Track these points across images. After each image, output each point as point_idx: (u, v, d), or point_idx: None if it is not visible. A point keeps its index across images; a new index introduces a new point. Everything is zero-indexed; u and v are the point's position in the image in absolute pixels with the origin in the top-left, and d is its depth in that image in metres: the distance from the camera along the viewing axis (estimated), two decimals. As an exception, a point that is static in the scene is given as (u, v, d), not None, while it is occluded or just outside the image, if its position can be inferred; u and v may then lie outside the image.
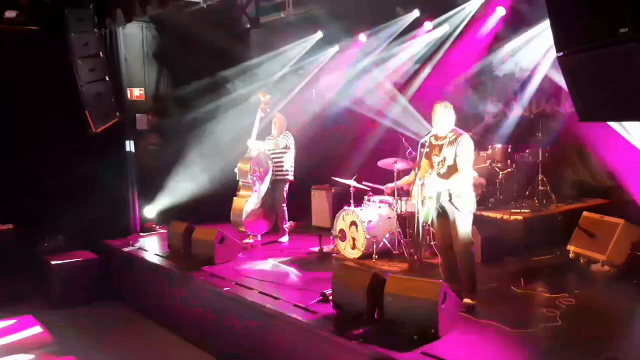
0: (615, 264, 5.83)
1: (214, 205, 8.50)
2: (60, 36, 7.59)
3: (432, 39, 8.37)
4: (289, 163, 7.92)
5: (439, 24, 8.13)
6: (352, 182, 7.34)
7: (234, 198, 7.80)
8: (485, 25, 7.71)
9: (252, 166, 7.65)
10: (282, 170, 7.91)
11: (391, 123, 8.77)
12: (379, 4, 8.11)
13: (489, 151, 7.59)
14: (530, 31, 7.38)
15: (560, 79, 3.83)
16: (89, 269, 7.75)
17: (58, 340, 6.40)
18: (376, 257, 6.81)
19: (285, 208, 8.00)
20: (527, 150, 7.67)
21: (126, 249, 7.89)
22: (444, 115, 5.03)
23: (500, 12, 7.47)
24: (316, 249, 7.48)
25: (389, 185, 7.17)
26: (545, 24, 6.98)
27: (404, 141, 7.57)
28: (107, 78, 7.73)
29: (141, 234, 8.66)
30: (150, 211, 9.00)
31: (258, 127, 7.81)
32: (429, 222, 5.30)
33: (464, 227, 4.99)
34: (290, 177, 7.95)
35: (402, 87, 8.91)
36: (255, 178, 7.69)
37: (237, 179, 7.81)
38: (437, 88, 8.17)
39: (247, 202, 7.66)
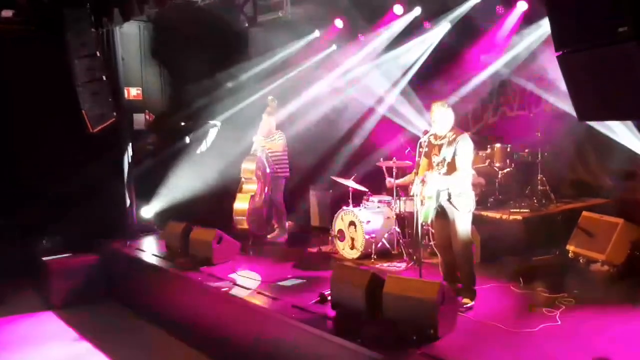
0: (614, 263, 5.82)
1: (212, 205, 8.47)
2: (58, 35, 7.57)
3: (433, 39, 8.35)
4: (285, 161, 8.03)
5: (437, 21, 8.11)
6: (351, 182, 7.32)
7: (238, 194, 7.81)
8: (485, 23, 7.70)
9: (257, 165, 7.72)
10: (280, 168, 8.00)
11: (391, 122, 8.74)
12: (377, 2, 8.08)
13: (488, 151, 7.57)
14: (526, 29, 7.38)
15: (560, 78, 3.80)
16: (87, 269, 7.74)
17: (57, 340, 6.37)
18: (375, 257, 6.79)
19: (284, 205, 8.08)
20: (526, 150, 7.65)
21: (124, 250, 7.86)
22: (443, 115, 5.03)
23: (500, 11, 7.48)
24: (315, 249, 7.46)
25: (391, 179, 7.16)
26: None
27: (403, 140, 7.55)
28: (104, 77, 7.71)
29: (139, 234, 8.62)
30: (148, 211, 8.97)
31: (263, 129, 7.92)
32: (429, 222, 5.29)
33: (463, 226, 4.99)
34: (288, 174, 8.08)
35: (402, 85, 8.88)
36: (259, 176, 7.77)
37: (241, 177, 7.84)
38: (439, 87, 8.14)
39: (250, 200, 7.69)
